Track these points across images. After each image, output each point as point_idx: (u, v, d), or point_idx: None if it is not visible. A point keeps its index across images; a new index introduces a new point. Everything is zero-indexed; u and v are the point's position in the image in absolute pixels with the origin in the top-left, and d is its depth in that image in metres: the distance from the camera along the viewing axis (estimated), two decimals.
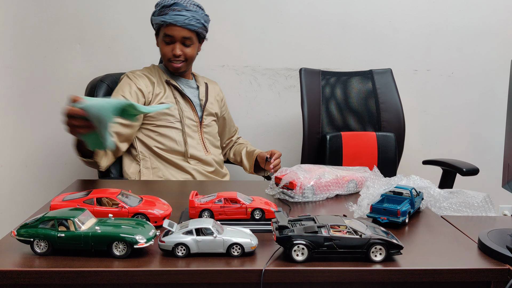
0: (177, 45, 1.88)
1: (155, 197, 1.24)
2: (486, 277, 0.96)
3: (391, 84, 2.30)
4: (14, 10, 2.37)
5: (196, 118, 1.96)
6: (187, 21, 1.84)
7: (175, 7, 1.84)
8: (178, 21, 1.83)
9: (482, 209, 1.35)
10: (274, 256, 0.98)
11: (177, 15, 1.83)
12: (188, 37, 1.87)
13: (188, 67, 1.97)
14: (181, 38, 1.87)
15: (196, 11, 1.88)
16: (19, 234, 0.97)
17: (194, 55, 1.95)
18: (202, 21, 1.90)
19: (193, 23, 1.86)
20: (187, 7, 1.86)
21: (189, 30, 1.86)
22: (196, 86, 2.04)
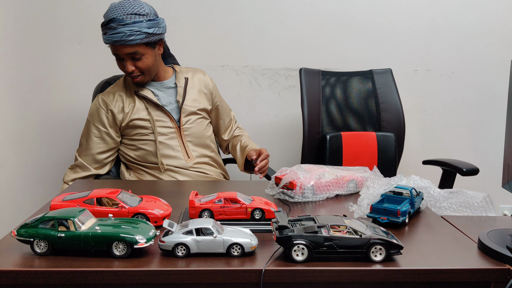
0: (126, 62, 1.78)
1: (155, 197, 1.24)
2: (486, 277, 0.96)
3: (391, 84, 2.30)
4: (14, 10, 2.37)
5: (173, 124, 1.87)
6: (125, 38, 1.72)
7: (111, 25, 1.73)
8: (116, 40, 1.73)
9: (482, 209, 1.35)
10: (274, 256, 0.98)
11: (114, 34, 1.72)
12: (132, 52, 1.76)
13: (151, 76, 1.86)
14: (126, 55, 1.77)
15: (134, 23, 1.73)
16: (19, 234, 0.97)
17: (150, 65, 1.81)
18: (145, 29, 1.75)
19: (132, 38, 1.73)
20: (124, 20, 1.72)
21: (130, 45, 1.74)
22: (174, 84, 1.93)
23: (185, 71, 1.99)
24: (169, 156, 1.85)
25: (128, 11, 1.74)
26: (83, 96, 2.44)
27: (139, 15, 1.75)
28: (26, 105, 2.45)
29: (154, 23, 1.79)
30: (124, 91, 1.89)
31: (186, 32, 2.46)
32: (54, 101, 2.46)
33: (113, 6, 1.78)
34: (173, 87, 1.93)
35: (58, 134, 2.48)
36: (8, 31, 2.38)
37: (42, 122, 2.47)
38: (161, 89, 1.91)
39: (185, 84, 1.93)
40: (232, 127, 2.11)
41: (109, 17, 1.74)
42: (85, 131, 1.89)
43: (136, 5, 1.77)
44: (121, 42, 1.73)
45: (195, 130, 1.93)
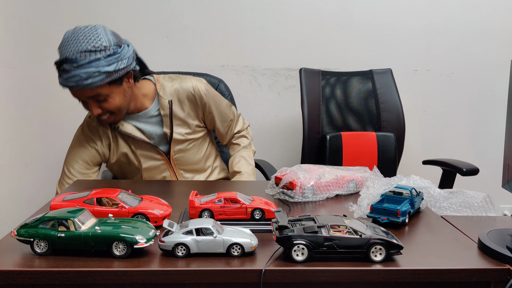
0: (90, 105, 1.56)
1: (155, 197, 1.24)
2: (486, 277, 0.96)
3: (391, 84, 2.30)
4: (14, 10, 2.37)
5: (162, 156, 1.73)
6: (81, 83, 1.46)
7: (64, 67, 1.47)
8: (73, 86, 1.48)
9: (482, 209, 1.35)
10: (274, 256, 0.98)
11: (69, 78, 1.47)
12: (94, 95, 1.52)
13: (123, 113, 1.64)
14: (87, 98, 1.54)
15: (90, 62, 1.46)
16: (19, 234, 0.97)
17: (118, 104, 1.58)
18: (105, 68, 1.47)
19: (90, 81, 1.47)
20: (78, 61, 1.45)
21: (89, 89, 1.50)
22: (157, 112, 1.70)
23: (170, 86, 1.71)
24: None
25: (81, 47, 1.45)
26: None
27: (95, 51, 1.46)
28: (26, 105, 2.45)
29: (115, 57, 1.50)
30: (107, 127, 1.70)
31: (186, 32, 2.46)
32: (54, 101, 2.46)
33: (65, 39, 1.50)
34: (156, 115, 1.70)
35: (58, 134, 2.48)
36: (8, 31, 2.38)
37: (42, 122, 2.47)
38: (143, 121, 1.70)
39: (170, 110, 1.68)
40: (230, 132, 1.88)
41: (62, 55, 1.48)
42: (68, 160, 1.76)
43: (92, 37, 1.47)
44: (78, 88, 1.48)
45: (188, 157, 1.77)
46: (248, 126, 1.98)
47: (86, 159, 1.73)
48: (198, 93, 1.72)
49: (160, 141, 1.73)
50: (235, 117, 1.89)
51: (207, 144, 1.84)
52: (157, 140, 1.73)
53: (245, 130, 1.95)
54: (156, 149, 1.72)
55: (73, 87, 1.49)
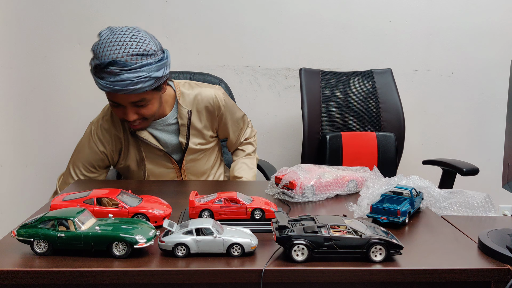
0: (128, 111, 1.50)
1: (155, 197, 1.24)
2: (486, 277, 0.96)
3: (391, 84, 2.30)
4: (14, 10, 2.37)
5: (174, 164, 1.70)
6: (130, 87, 1.40)
7: (112, 69, 1.38)
8: (119, 90, 1.40)
9: (482, 209, 1.35)
10: (274, 256, 0.98)
11: (116, 82, 1.39)
12: (138, 100, 1.47)
13: (152, 120, 1.60)
14: (129, 104, 1.48)
15: (142, 67, 1.40)
16: (19, 234, 0.97)
17: (155, 110, 1.55)
18: (155, 74, 1.43)
19: (140, 86, 1.41)
20: (128, 64, 1.38)
21: (136, 94, 1.45)
22: (175, 120, 1.66)
23: (190, 93, 1.67)
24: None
25: (132, 50, 1.39)
26: (83, 96, 2.44)
27: (147, 55, 1.41)
28: (26, 105, 2.45)
29: (164, 62, 1.47)
30: (121, 131, 1.64)
31: (186, 32, 2.46)
32: (54, 101, 2.46)
33: (106, 41, 1.41)
34: (174, 123, 1.67)
35: (58, 134, 2.48)
36: (8, 31, 2.38)
37: (42, 122, 2.47)
38: (159, 128, 1.65)
39: (189, 121, 1.65)
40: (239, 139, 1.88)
41: (107, 58, 1.39)
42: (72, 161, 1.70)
43: (140, 41, 1.41)
44: (125, 92, 1.41)
45: (198, 166, 1.76)
46: (255, 134, 1.98)
47: (93, 163, 1.67)
48: (217, 104, 1.70)
49: (173, 149, 1.70)
50: (245, 125, 1.89)
51: (216, 153, 1.84)
52: (171, 149, 1.69)
53: (252, 137, 1.94)
54: (168, 157, 1.69)
55: (120, 91, 1.40)
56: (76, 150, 1.71)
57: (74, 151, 1.72)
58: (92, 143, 1.65)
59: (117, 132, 1.65)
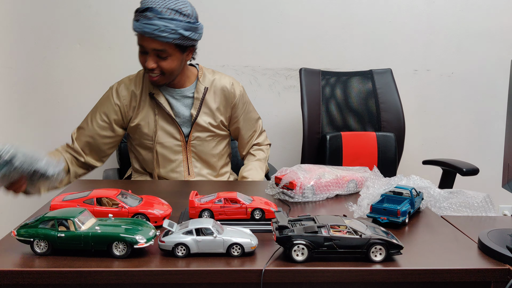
0: (150, 57, 1.63)
1: (155, 197, 1.24)
2: (486, 277, 0.96)
3: (391, 84, 2.30)
4: (14, 10, 2.37)
5: (181, 137, 1.77)
6: (156, 32, 1.56)
7: (147, 14, 1.57)
8: (146, 32, 1.57)
9: (482, 209, 1.35)
10: (274, 256, 0.98)
11: (147, 24, 1.57)
12: (160, 49, 1.61)
13: (170, 79, 1.71)
14: (151, 50, 1.62)
15: (173, 20, 1.57)
16: (19, 234, 0.97)
17: (174, 68, 1.66)
18: (181, 30, 1.59)
19: (165, 35, 1.57)
20: (162, 14, 1.56)
21: (160, 42, 1.59)
22: (191, 94, 1.78)
23: (210, 76, 1.82)
24: (169, 169, 1.80)
25: (169, 5, 1.58)
26: (83, 96, 2.44)
27: (180, 13, 1.59)
28: (26, 105, 2.45)
29: (193, 27, 1.63)
30: (140, 89, 1.76)
31: None
32: (54, 101, 2.46)
33: None
34: (190, 97, 1.78)
35: (58, 134, 2.48)
36: (8, 31, 2.38)
37: (42, 122, 2.47)
38: (176, 97, 1.77)
39: (203, 95, 1.77)
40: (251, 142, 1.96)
41: (147, 4, 1.58)
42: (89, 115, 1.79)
43: (180, 2, 1.60)
44: (151, 35, 1.57)
45: (203, 148, 1.81)
46: (269, 145, 2.06)
47: (108, 115, 1.76)
48: (232, 91, 1.83)
49: (184, 122, 1.79)
50: (259, 129, 1.99)
51: (224, 145, 1.89)
52: (182, 120, 1.78)
53: (265, 145, 2.02)
54: (178, 128, 1.77)
55: (147, 34, 1.58)
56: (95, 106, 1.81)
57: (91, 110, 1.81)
58: (110, 95, 1.77)
59: (135, 89, 1.76)
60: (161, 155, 1.78)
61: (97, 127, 1.76)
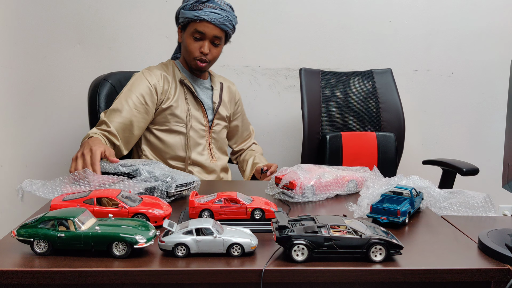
0: (207, 43, 1.82)
1: (155, 197, 1.24)
2: (486, 277, 0.96)
3: (391, 84, 2.30)
4: (14, 10, 2.37)
5: (206, 122, 1.91)
6: (221, 20, 1.80)
7: (210, 4, 1.79)
8: (213, 18, 1.78)
9: (482, 209, 1.35)
10: (274, 256, 0.98)
11: (212, 13, 1.78)
12: (219, 36, 1.83)
13: (209, 68, 1.93)
14: (212, 37, 1.81)
15: (230, 12, 1.83)
16: (19, 234, 0.97)
17: (218, 56, 1.90)
18: (234, 22, 1.86)
19: (227, 23, 1.81)
20: (222, 6, 1.81)
21: (221, 29, 1.81)
22: (210, 86, 1.98)
23: (218, 77, 2.05)
24: (197, 152, 1.88)
25: (226, 1, 1.84)
26: (83, 96, 2.44)
27: (232, 9, 1.86)
28: (26, 105, 2.45)
29: (237, 22, 1.89)
30: (171, 74, 1.89)
31: None
32: (54, 101, 2.46)
33: None
34: (210, 88, 1.97)
35: (58, 134, 2.48)
36: (8, 31, 2.38)
37: (42, 122, 2.47)
38: (200, 87, 1.94)
39: (221, 89, 1.98)
40: (249, 141, 2.18)
41: None
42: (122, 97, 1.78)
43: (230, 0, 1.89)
44: (216, 22, 1.78)
45: (221, 134, 1.99)
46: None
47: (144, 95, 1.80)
48: (236, 90, 2.09)
49: (208, 109, 1.93)
50: (253, 133, 2.22)
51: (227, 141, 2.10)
52: (206, 107, 1.93)
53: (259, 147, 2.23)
54: (204, 113, 1.91)
55: (213, 20, 1.78)
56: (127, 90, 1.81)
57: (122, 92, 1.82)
58: (143, 78, 1.83)
59: (166, 74, 1.88)
60: (192, 138, 1.87)
61: (134, 108, 1.77)
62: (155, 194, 1.33)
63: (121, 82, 1.98)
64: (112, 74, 2.07)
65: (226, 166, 2.02)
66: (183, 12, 1.81)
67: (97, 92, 1.96)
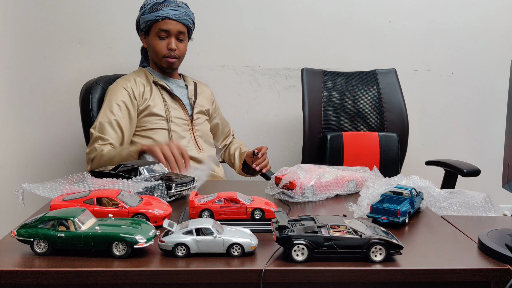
0: (173, 39, 1.94)
1: (155, 197, 1.24)
2: (486, 277, 0.96)
3: (395, 84, 2.30)
4: (14, 10, 2.37)
5: (187, 117, 1.99)
6: (182, 16, 1.93)
7: (167, 3, 1.92)
8: (174, 15, 1.92)
9: (482, 209, 1.35)
10: (274, 256, 0.98)
11: (172, 10, 1.92)
12: (182, 31, 1.95)
13: (179, 65, 2.03)
14: (177, 32, 1.94)
15: (187, 9, 1.97)
16: (19, 234, 0.97)
17: (184, 52, 2.01)
18: (192, 18, 1.99)
19: (187, 18, 1.96)
20: (178, 3, 1.95)
21: (183, 24, 1.94)
22: (184, 85, 2.09)
23: (190, 79, 2.14)
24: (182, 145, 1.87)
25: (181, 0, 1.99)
26: None
27: (188, 6, 2.00)
28: (26, 105, 2.45)
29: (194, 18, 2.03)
30: (144, 78, 1.99)
31: None
32: (54, 101, 2.46)
33: None
34: (184, 87, 2.08)
35: (58, 134, 2.48)
36: (8, 31, 2.38)
37: (42, 122, 2.47)
38: (174, 86, 2.04)
39: (195, 87, 2.09)
40: (229, 137, 2.28)
41: None
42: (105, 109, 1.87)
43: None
44: (177, 18, 1.92)
45: (204, 127, 2.06)
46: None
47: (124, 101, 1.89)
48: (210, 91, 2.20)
49: (186, 104, 2.02)
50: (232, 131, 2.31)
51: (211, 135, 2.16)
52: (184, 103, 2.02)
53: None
54: (183, 108, 1.99)
55: (174, 17, 1.91)
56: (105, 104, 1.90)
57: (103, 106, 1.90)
58: (118, 87, 1.92)
59: (139, 79, 1.97)
60: (175, 132, 1.94)
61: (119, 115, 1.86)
62: (155, 194, 1.33)
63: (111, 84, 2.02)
64: (102, 78, 2.11)
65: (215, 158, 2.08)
66: (143, 18, 1.95)
67: (89, 96, 2.02)
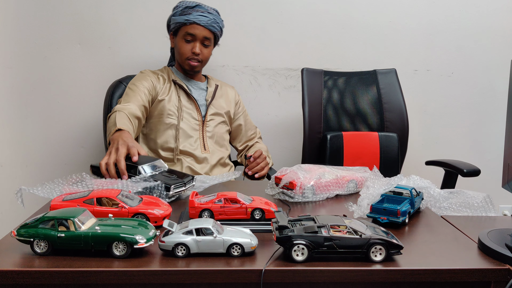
0: (197, 44, 1.99)
1: (155, 197, 1.24)
2: (486, 277, 0.96)
3: (395, 85, 2.30)
4: (14, 10, 2.37)
5: (199, 117, 2.03)
6: (209, 22, 1.98)
7: (198, 9, 1.97)
8: (202, 20, 1.96)
9: (482, 209, 1.35)
10: (274, 256, 0.98)
11: (201, 16, 1.96)
12: (208, 37, 2.00)
13: (201, 68, 2.09)
14: (202, 38, 1.99)
15: (216, 15, 2.02)
16: (19, 234, 0.97)
17: (208, 57, 2.06)
18: (220, 25, 2.04)
19: (214, 25, 2.00)
20: (209, 10, 2.00)
21: (210, 31, 1.99)
22: (205, 87, 2.13)
23: (216, 80, 2.19)
24: (188, 143, 1.98)
25: (211, 6, 2.03)
26: (83, 96, 2.44)
27: (218, 13, 2.05)
28: (26, 105, 2.45)
29: (223, 25, 2.07)
30: (166, 76, 2.06)
31: None
32: (54, 101, 2.46)
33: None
34: (204, 89, 2.12)
35: (58, 134, 2.48)
36: (8, 31, 2.38)
37: (42, 122, 2.47)
38: (194, 87, 2.09)
39: (215, 89, 2.12)
40: (253, 140, 2.24)
41: (194, 2, 2.00)
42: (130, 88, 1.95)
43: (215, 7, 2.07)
44: (205, 24, 1.97)
45: (218, 130, 2.08)
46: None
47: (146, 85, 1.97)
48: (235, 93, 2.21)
49: (201, 105, 2.06)
50: (258, 134, 2.28)
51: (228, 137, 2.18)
52: (199, 103, 2.06)
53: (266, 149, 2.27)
54: (197, 108, 2.04)
55: (202, 23, 1.96)
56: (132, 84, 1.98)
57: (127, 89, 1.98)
58: (144, 75, 2.02)
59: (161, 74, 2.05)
60: (183, 130, 1.98)
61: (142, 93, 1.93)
62: (154, 194, 1.33)
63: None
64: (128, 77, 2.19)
65: (225, 160, 2.09)
66: (174, 19, 2.00)
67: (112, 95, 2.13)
